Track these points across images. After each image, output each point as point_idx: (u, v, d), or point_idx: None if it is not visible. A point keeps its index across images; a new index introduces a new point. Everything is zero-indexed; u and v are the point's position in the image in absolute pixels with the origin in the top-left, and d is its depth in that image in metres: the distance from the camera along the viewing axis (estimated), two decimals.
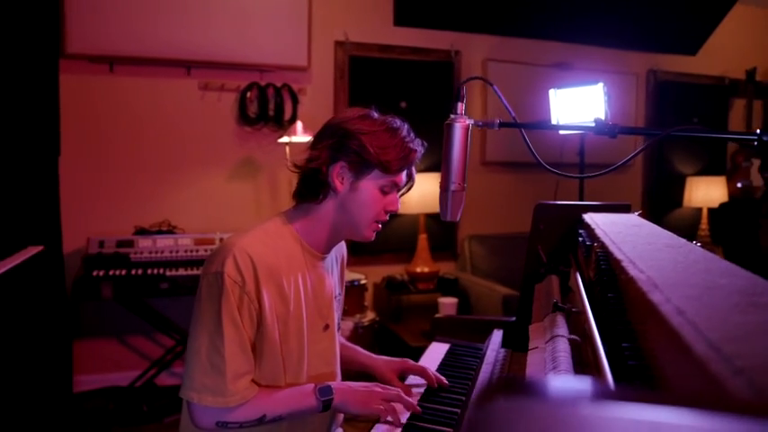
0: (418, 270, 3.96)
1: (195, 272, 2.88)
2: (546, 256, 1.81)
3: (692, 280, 0.61)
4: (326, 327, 1.35)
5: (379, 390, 1.27)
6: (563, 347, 0.99)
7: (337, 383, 1.27)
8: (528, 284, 1.87)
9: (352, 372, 1.54)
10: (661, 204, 4.67)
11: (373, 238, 1.32)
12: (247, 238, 1.21)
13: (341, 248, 1.49)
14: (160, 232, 3.10)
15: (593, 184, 3.26)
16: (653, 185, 4.65)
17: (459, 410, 1.30)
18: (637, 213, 1.67)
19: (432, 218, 3.84)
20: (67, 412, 2.88)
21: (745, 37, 4.87)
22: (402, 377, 1.50)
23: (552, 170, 1.19)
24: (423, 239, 3.87)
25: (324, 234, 1.30)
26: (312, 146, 1.27)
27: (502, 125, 1.16)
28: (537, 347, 1.08)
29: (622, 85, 4.35)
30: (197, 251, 3.00)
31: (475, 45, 4.04)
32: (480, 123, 1.20)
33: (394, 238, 3.87)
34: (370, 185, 1.24)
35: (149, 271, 2.82)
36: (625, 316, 0.73)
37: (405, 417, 1.24)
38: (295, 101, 3.48)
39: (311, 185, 1.25)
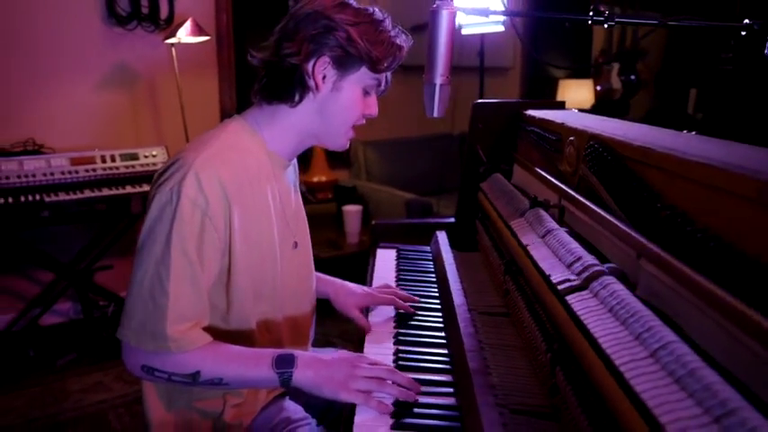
0: (315, 179, 3.88)
1: (79, 195, 2.54)
2: (485, 156, 1.83)
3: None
4: (296, 245, 1.21)
5: (364, 367, 0.98)
6: (567, 238, 1.01)
7: (305, 353, 1.02)
8: (467, 185, 1.88)
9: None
10: None
11: (347, 147, 1.21)
12: (210, 150, 1.03)
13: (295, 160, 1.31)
14: (26, 152, 2.65)
15: (474, 87, 3.29)
16: (530, 87, 4.90)
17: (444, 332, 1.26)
18: (575, 110, 1.74)
19: None
20: None
21: None
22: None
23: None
24: (319, 147, 3.75)
25: (293, 141, 1.15)
26: (284, 36, 1.07)
27: (496, 13, 1.10)
28: (532, 243, 1.09)
29: None
30: (77, 172, 2.62)
31: None
32: (470, 11, 1.13)
33: None
34: (353, 85, 1.10)
35: (23, 198, 2.43)
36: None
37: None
38: None
39: (285, 84, 1.08)
